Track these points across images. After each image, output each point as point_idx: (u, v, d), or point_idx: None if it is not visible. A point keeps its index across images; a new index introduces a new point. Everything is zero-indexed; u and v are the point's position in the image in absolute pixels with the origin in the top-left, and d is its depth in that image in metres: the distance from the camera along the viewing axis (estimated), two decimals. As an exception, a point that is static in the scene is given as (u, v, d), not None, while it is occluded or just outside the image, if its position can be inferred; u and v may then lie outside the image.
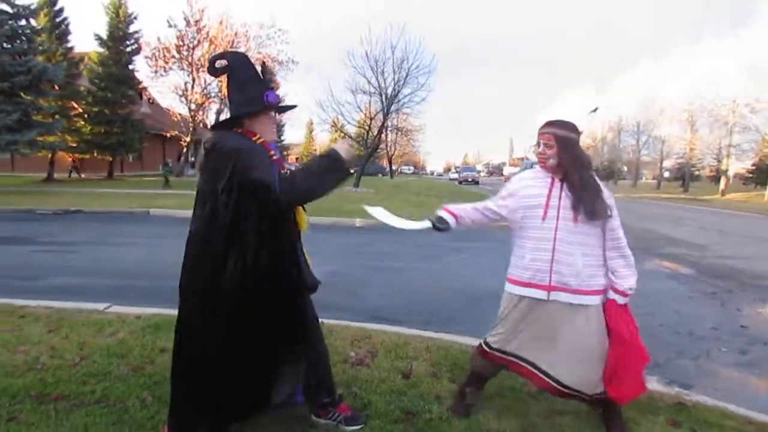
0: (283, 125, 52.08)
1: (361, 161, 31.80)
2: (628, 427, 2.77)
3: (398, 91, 29.12)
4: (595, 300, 2.58)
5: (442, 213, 2.87)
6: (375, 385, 3.22)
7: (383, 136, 34.63)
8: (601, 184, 2.64)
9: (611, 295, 2.60)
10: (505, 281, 2.76)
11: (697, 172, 49.96)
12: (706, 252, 10.10)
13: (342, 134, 33.84)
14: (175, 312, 2.51)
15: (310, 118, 60.04)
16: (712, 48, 39.55)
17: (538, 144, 2.67)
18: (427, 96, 32.78)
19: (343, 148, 2.35)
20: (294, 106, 2.84)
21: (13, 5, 20.91)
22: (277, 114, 2.62)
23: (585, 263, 2.54)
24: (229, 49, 30.66)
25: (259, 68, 2.57)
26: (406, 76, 28.76)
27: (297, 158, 75.15)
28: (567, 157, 2.58)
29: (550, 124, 2.67)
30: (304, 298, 2.52)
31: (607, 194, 2.61)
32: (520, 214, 2.70)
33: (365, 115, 31.56)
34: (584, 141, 62.24)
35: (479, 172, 64.60)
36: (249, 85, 2.42)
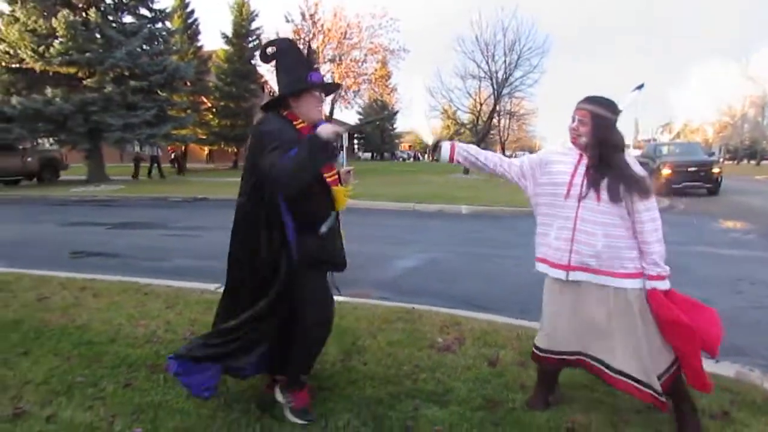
0: (396, 112, 52.71)
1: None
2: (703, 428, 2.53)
3: (509, 74, 28.43)
4: (624, 283, 2.43)
5: (445, 142, 2.83)
6: (459, 372, 3.20)
7: (494, 121, 33.89)
8: (637, 166, 2.49)
9: (650, 283, 2.44)
10: (535, 262, 2.69)
11: None
12: None
13: (454, 121, 33.61)
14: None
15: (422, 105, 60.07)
16: None
17: (573, 119, 2.55)
18: (540, 78, 31.51)
19: (326, 131, 2.35)
20: (339, 85, 2.93)
21: (151, 9, 22.91)
22: (323, 94, 2.73)
23: (606, 244, 2.42)
24: (342, 41, 31.82)
25: (305, 52, 2.64)
26: (518, 59, 28.03)
27: (410, 146, 75.67)
28: (599, 137, 2.46)
29: (588, 100, 2.54)
30: (317, 272, 2.63)
31: (640, 173, 2.46)
32: (545, 190, 2.62)
33: (475, 100, 31.08)
34: (720, 119, 57.06)
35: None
36: (294, 67, 2.54)
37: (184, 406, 2.77)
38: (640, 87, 2.77)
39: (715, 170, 17.18)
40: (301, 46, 2.68)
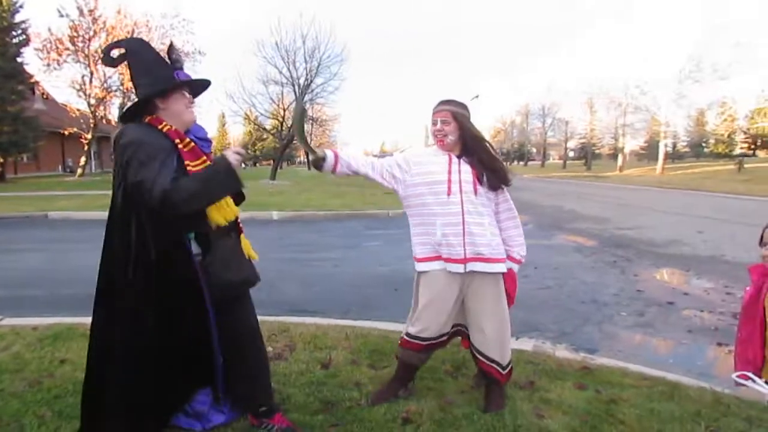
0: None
1: (277, 153, 31.17)
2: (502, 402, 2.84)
3: (311, 81, 28.88)
4: (503, 267, 2.70)
5: (327, 151, 2.76)
6: (294, 378, 3.17)
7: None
8: (493, 152, 2.79)
9: (509, 264, 2.75)
10: (415, 262, 2.79)
11: (597, 151, 53.24)
12: (607, 224, 10.80)
13: (255, 126, 33.08)
14: (74, 320, 2.34)
15: (221, 111, 58.10)
16: (606, 33, 42.15)
17: (435, 122, 2.73)
18: (340, 85, 32.60)
19: (232, 155, 2.20)
20: (208, 81, 2.50)
21: None
22: (190, 95, 2.39)
23: (492, 231, 2.68)
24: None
25: (163, 51, 2.38)
26: (318, 66, 28.63)
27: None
28: (465, 132, 2.69)
29: (445, 102, 2.76)
30: (209, 298, 2.28)
31: (503, 166, 2.78)
32: (420, 190, 2.72)
33: (278, 105, 31.02)
34: (494, 125, 65.04)
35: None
36: (155, 66, 2.25)
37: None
38: (476, 97, 3.10)
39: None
40: (159, 46, 2.32)
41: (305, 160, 57.73)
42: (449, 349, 3.36)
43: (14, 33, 28.03)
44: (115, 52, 2.28)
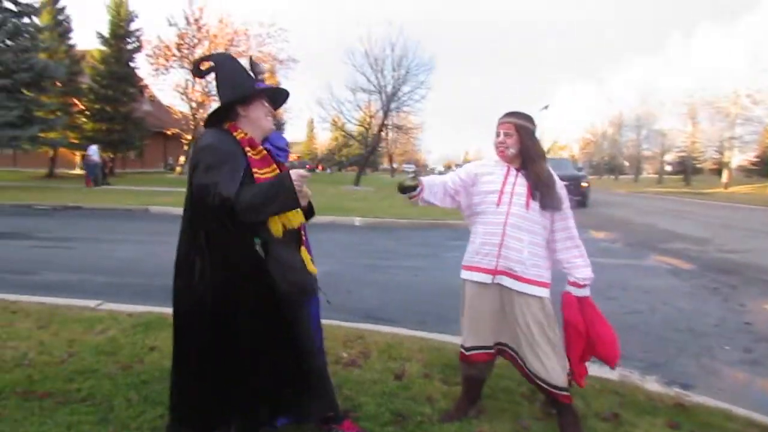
0: (283, 124, 52.00)
1: (362, 159, 31.63)
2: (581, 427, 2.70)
3: (398, 89, 29.17)
4: (537, 291, 2.59)
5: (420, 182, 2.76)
6: (366, 387, 3.15)
7: (383, 134, 34.64)
8: (553, 174, 2.72)
9: (567, 287, 2.67)
10: (461, 270, 2.80)
11: (698, 165, 49.56)
12: (709, 246, 9.99)
13: (342, 133, 33.80)
14: (164, 310, 2.45)
15: (310, 117, 59.87)
16: (712, 38, 39.12)
17: (498, 134, 2.71)
18: (427, 94, 32.76)
19: (297, 176, 2.18)
20: (286, 92, 2.57)
21: (17, 3, 20.93)
22: (270, 105, 2.45)
23: (530, 252, 2.60)
24: (229, 48, 30.84)
25: (246, 65, 2.48)
26: (406, 74, 28.91)
27: (299, 157, 75.07)
28: (526, 146, 2.66)
29: (510, 114, 2.73)
30: (282, 304, 2.28)
31: (560, 185, 2.70)
32: (477, 199, 2.75)
33: (365, 113, 31.56)
34: (584, 136, 62.44)
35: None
36: (238, 77, 2.35)
37: (63, 439, 2.47)
38: (545, 107, 2.99)
39: (584, 184, 18.74)
40: (244, 61, 2.45)
41: (389, 166, 58.24)
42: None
43: (129, 40, 30.37)
44: (204, 65, 2.38)
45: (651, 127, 50.15)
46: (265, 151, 2.31)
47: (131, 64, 30.47)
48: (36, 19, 23.11)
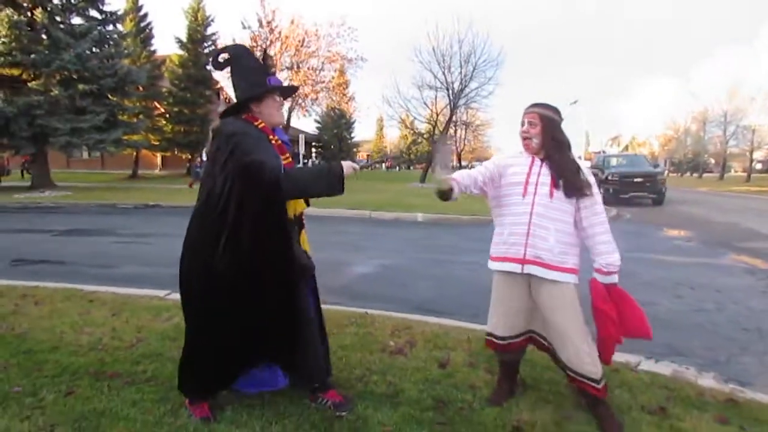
0: (353, 122, 52.78)
1: (429, 157, 31.53)
2: (619, 419, 2.66)
3: (465, 86, 28.96)
4: (566, 277, 2.60)
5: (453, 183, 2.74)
6: (410, 374, 3.23)
7: (451, 131, 34.46)
8: (580, 162, 2.71)
9: (594, 274, 2.64)
10: (489, 261, 2.84)
11: (793, 163, 46.07)
12: (793, 246, 9.35)
13: (411, 130, 33.89)
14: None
15: (380, 115, 60.30)
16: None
17: (523, 123, 2.73)
18: (495, 89, 32.33)
19: (348, 166, 2.42)
20: (296, 88, 2.99)
21: (101, 11, 22.29)
22: (282, 98, 2.71)
23: (557, 239, 2.60)
24: (300, 49, 31.69)
25: (260, 57, 2.67)
26: (473, 70, 28.64)
27: (368, 155, 75.81)
28: (549, 137, 2.67)
29: (536, 105, 2.75)
30: (294, 281, 2.53)
31: (587, 171, 2.68)
32: (503, 191, 2.77)
33: (432, 110, 31.52)
34: (665, 133, 59.50)
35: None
36: (252, 72, 2.55)
37: (129, 412, 2.70)
38: (575, 102, 2.98)
39: (660, 181, 17.92)
40: (258, 53, 2.68)
41: (458, 164, 57.88)
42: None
43: (205, 44, 31.74)
44: (222, 57, 2.58)
45: (739, 123, 47.02)
46: (280, 141, 2.54)
47: (208, 68, 31.82)
48: (120, 26, 24.54)
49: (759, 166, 53.21)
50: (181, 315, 4.27)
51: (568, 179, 2.61)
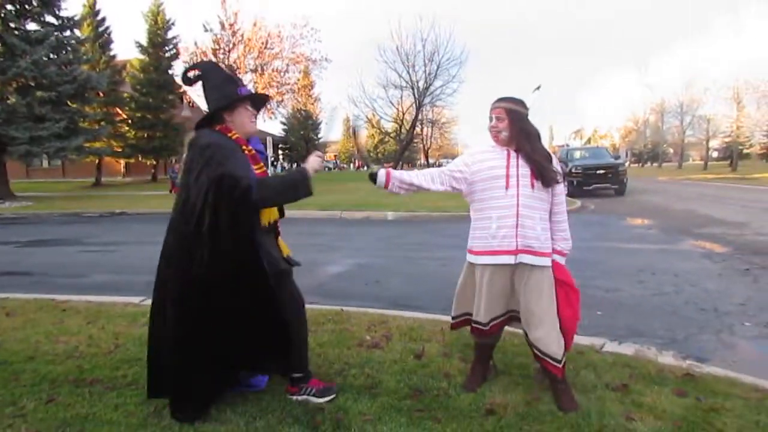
0: (320, 123, 52.63)
1: (397, 155, 31.82)
2: (573, 393, 2.83)
3: (430, 84, 29.28)
4: (548, 261, 2.78)
5: (381, 171, 2.86)
6: (387, 366, 3.33)
7: (417, 129, 34.76)
8: (548, 151, 2.84)
9: (555, 257, 2.82)
10: (467, 254, 2.93)
11: (746, 151, 47.84)
12: (746, 230, 9.78)
13: (378, 130, 34.05)
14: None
15: (346, 115, 60.17)
16: (759, 21, 37.65)
17: (490, 118, 2.84)
18: (459, 87, 32.76)
19: (312, 165, 2.56)
20: (268, 96, 3.09)
21: (58, 17, 21.79)
22: (253, 108, 2.78)
23: (542, 227, 2.76)
24: (264, 51, 31.47)
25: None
26: (437, 69, 28.98)
27: (335, 156, 75.61)
28: (518, 129, 2.77)
29: (501, 99, 2.84)
30: (271, 287, 2.58)
31: (555, 162, 2.82)
32: (481, 186, 2.83)
33: (398, 109, 31.76)
34: (626, 125, 61.03)
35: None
36: (223, 84, 2.64)
37: (112, 416, 2.73)
38: (538, 88, 3.10)
39: (621, 172, 18.46)
40: (223, 64, 2.78)
41: (426, 162, 58.22)
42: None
43: (166, 48, 31.28)
44: (192, 73, 2.68)
45: (695, 113, 48.57)
46: (253, 150, 2.63)
47: (170, 71, 31.41)
48: (77, 32, 24.04)
49: (715, 154, 55.10)
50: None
51: (545, 168, 2.73)
